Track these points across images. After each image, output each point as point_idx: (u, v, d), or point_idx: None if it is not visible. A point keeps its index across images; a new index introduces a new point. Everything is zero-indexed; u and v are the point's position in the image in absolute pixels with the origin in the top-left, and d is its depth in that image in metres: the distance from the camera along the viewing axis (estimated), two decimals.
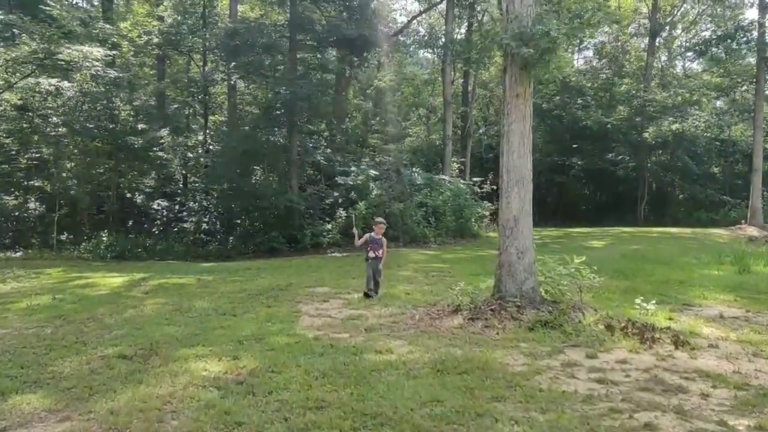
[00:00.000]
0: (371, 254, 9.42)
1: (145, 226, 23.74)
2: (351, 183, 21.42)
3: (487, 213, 25.16)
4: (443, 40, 26.86)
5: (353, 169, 22.09)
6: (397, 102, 35.12)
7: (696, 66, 39.88)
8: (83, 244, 20.50)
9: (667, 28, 36.02)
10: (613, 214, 37.09)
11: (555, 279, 7.67)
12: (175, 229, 22.95)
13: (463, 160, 30.07)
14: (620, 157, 34.88)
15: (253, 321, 7.73)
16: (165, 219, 23.51)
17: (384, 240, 9.67)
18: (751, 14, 52.59)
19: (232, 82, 22.58)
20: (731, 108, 35.69)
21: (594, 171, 36.76)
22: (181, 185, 25.95)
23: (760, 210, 25.15)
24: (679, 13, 36.35)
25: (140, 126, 21.43)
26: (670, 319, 7.46)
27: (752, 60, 31.63)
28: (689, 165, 33.50)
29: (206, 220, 23.41)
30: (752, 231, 23.59)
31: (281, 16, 22.24)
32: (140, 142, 21.03)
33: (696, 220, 32.23)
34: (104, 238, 20.63)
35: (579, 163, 35.69)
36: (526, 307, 7.22)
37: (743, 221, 25.57)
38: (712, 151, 36.40)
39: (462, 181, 25.86)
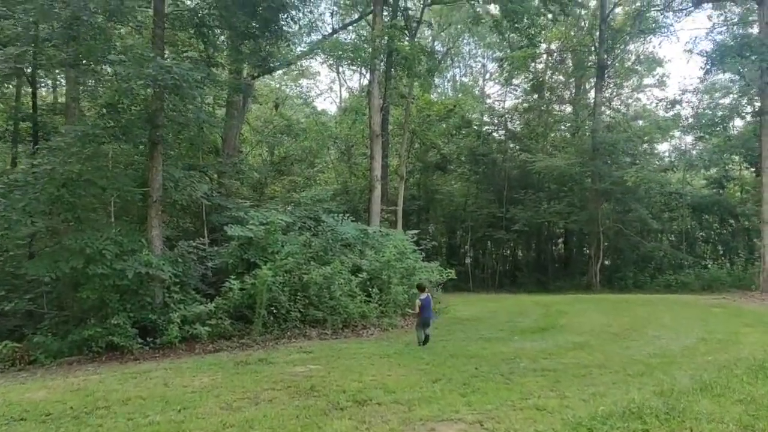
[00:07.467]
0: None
1: None
2: (249, 235, 13.66)
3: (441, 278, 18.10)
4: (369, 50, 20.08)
5: (252, 213, 14.41)
6: (307, 137, 28.19)
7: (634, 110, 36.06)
8: None
9: (617, 64, 31.82)
10: (559, 277, 31.60)
11: None
12: None
13: (393, 208, 23.09)
14: (570, 208, 29.59)
15: None
16: None
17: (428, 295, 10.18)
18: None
19: (57, 71, 14.24)
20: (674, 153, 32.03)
21: (535, 225, 31.28)
22: None
23: None
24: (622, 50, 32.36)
25: None
26: None
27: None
28: (647, 219, 28.72)
29: (12, 296, 14.41)
30: None
31: None
32: None
33: (663, 284, 27.10)
34: None
35: (521, 215, 29.94)
36: None
37: (753, 287, 20.38)
38: (658, 204, 32.16)
39: (401, 234, 18.74)
